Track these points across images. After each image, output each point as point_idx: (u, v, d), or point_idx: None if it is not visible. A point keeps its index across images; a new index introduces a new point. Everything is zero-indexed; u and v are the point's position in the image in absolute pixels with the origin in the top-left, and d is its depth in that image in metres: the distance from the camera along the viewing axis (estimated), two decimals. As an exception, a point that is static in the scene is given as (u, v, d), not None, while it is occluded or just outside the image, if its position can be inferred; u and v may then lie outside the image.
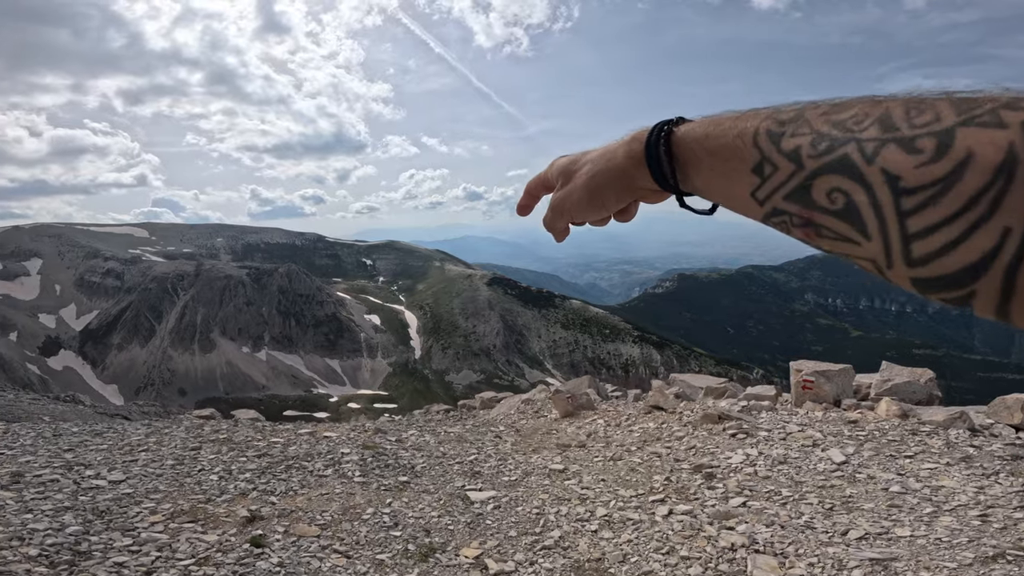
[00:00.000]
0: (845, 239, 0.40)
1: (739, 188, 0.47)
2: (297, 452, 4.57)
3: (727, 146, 0.46)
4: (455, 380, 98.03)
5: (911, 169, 0.34)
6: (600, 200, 0.61)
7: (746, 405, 6.01)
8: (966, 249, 0.32)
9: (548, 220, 0.69)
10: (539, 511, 3.67)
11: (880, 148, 0.36)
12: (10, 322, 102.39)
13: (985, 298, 0.33)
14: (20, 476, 3.56)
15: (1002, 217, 0.30)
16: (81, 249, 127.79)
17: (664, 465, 4.42)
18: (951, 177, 0.32)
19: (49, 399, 23.60)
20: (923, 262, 0.35)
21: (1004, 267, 0.31)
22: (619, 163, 0.58)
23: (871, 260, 0.39)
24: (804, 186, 0.41)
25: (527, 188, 0.73)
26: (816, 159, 0.40)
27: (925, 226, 0.34)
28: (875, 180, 0.36)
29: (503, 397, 8.79)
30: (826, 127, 0.40)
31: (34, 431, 5.36)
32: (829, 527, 3.21)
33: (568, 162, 0.65)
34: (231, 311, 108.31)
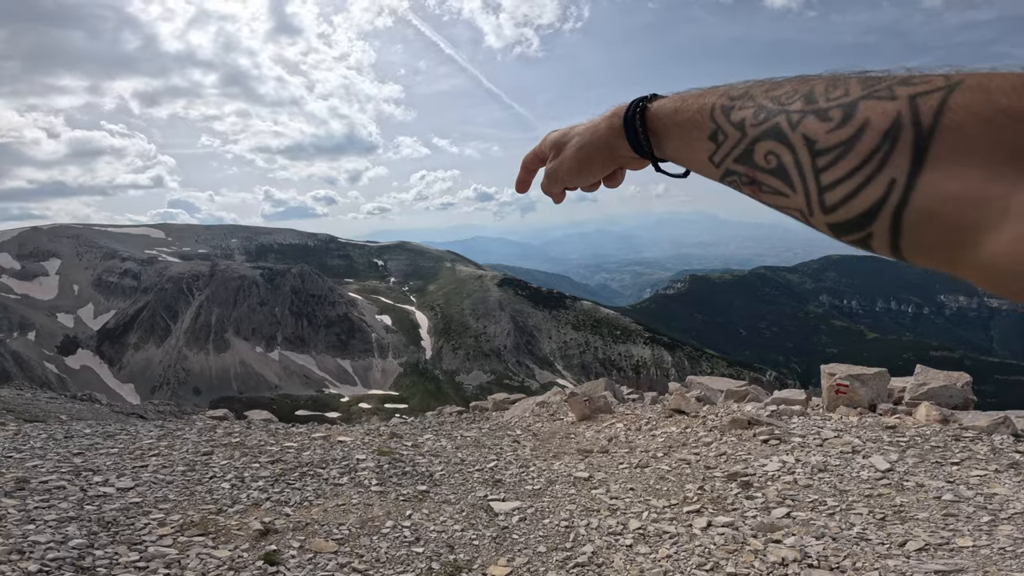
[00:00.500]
0: (778, 193, 0.48)
1: (700, 154, 0.55)
2: (311, 458, 4.39)
3: (690, 119, 0.55)
4: (465, 381, 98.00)
5: (824, 134, 0.42)
6: (588, 167, 0.71)
7: (775, 410, 5.78)
8: (863, 197, 0.40)
9: (545, 186, 0.78)
10: (568, 524, 3.45)
11: (802, 118, 0.44)
12: (29, 321, 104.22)
13: (880, 238, 0.40)
14: (25, 482, 3.41)
15: (889, 171, 0.38)
16: (99, 250, 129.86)
17: (695, 473, 4.21)
18: (852, 140, 0.40)
19: (66, 398, 23.83)
20: (833, 209, 0.43)
21: (891, 211, 0.38)
22: (602, 135, 0.67)
23: (798, 210, 0.47)
24: (748, 150, 0.49)
25: (523, 163, 0.81)
26: (756, 127, 0.48)
27: (834, 180, 0.42)
28: (798, 143, 0.44)
29: (516, 399, 8.62)
30: (765, 101, 0.48)
31: (46, 432, 5.25)
32: (884, 538, 3.04)
33: (559, 136, 0.75)
34: (245, 311, 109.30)
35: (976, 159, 0.34)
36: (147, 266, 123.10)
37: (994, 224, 0.34)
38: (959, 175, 0.35)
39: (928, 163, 0.36)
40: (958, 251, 0.36)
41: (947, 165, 0.35)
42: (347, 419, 41.86)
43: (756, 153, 0.48)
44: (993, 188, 0.34)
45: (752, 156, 0.49)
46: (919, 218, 0.37)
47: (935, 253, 0.38)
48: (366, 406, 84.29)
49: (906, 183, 0.37)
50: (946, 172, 0.35)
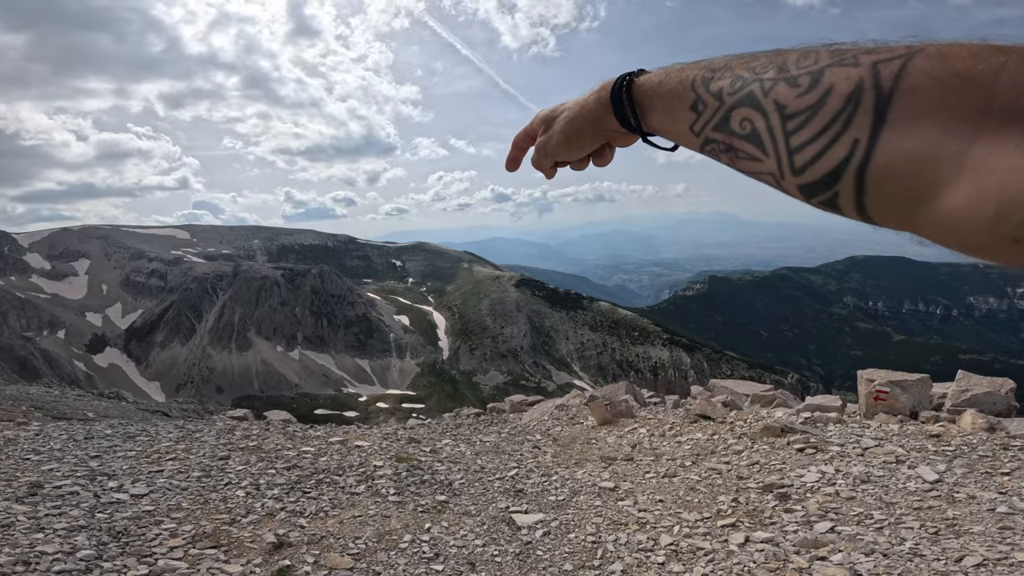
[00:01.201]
0: (753, 158, 0.49)
1: (682, 124, 0.57)
2: (328, 464, 4.29)
3: (673, 90, 0.57)
4: (482, 381, 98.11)
5: (793, 99, 0.44)
6: (576, 142, 0.72)
7: (809, 417, 5.54)
8: (829, 157, 0.42)
9: (535, 160, 0.79)
10: (595, 539, 3.28)
11: (774, 85, 0.46)
12: (59, 320, 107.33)
13: (846, 197, 0.42)
14: (39, 487, 3.35)
15: (852, 132, 0.40)
16: (127, 250, 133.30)
17: (727, 483, 4.02)
18: (818, 104, 0.42)
19: (94, 395, 24.36)
20: (802, 171, 0.45)
21: (855, 170, 0.41)
22: (590, 109, 0.68)
23: (771, 174, 0.48)
24: (725, 118, 0.51)
25: (514, 141, 0.82)
26: (732, 96, 0.50)
27: (802, 142, 0.44)
28: (770, 109, 0.46)
29: (534, 401, 8.47)
30: (742, 71, 0.50)
31: (67, 433, 5.25)
32: (939, 553, 2.85)
33: (548, 112, 0.76)
34: (266, 311, 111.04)
35: (933, 119, 0.36)
36: (173, 266, 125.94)
37: (950, 180, 0.36)
38: (917, 134, 0.37)
39: (888, 123, 0.38)
40: (918, 208, 0.38)
41: (906, 125, 0.37)
42: (364, 419, 42.35)
43: (732, 120, 0.50)
44: (949, 146, 0.35)
45: (729, 123, 0.50)
46: (880, 175, 0.39)
47: (897, 210, 0.40)
48: (383, 406, 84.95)
49: (868, 143, 0.39)
50: (905, 131, 0.38)
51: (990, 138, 0.34)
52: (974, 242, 0.36)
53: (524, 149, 0.82)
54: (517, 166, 0.84)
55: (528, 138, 0.80)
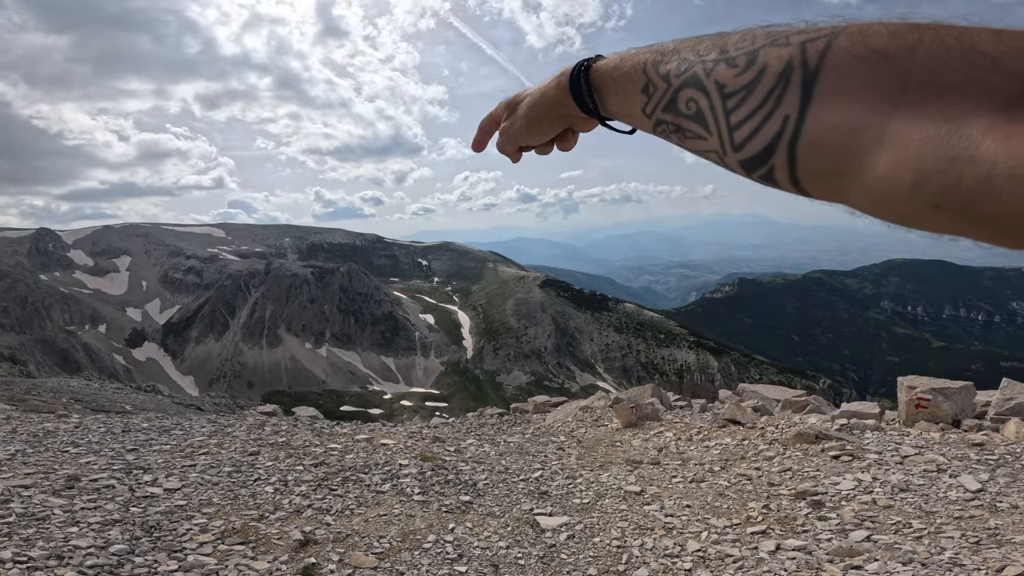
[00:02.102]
0: (698, 136, 0.51)
1: (635, 107, 0.59)
2: (354, 462, 4.33)
3: (626, 74, 0.59)
4: (505, 381, 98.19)
5: (731, 78, 0.46)
6: (538, 126, 0.74)
7: (845, 423, 5.37)
8: (764, 133, 0.44)
9: (499, 145, 0.82)
10: (620, 543, 3.23)
11: (715, 65, 0.48)
12: (100, 315, 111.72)
13: (780, 170, 0.44)
14: (76, 480, 3.47)
15: (784, 108, 0.42)
16: (166, 248, 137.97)
17: (758, 490, 3.92)
18: (753, 82, 0.44)
19: (131, 388, 25.25)
20: (741, 147, 0.47)
21: (787, 144, 0.43)
22: (551, 94, 0.70)
23: (715, 151, 0.50)
24: (673, 99, 0.53)
25: (480, 126, 0.84)
26: (679, 77, 0.52)
27: (740, 119, 0.46)
28: (711, 88, 0.48)
29: (557, 402, 8.43)
30: (688, 54, 0.52)
31: (105, 426, 5.43)
32: (980, 563, 2.74)
33: (511, 98, 0.79)
34: (296, 308, 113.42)
35: (855, 95, 0.38)
36: (209, 264, 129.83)
37: (872, 151, 0.38)
38: (840, 109, 0.39)
39: (814, 99, 0.40)
40: (844, 178, 0.41)
41: (830, 100, 0.40)
42: (389, 416, 42.61)
43: (679, 101, 0.52)
44: (869, 119, 0.38)
45: (676, 104, 0.52)
46: (809, 149, 0.42)
47: (826, 181, 0.42)
48: (408, 404, 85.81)
49: (797, 118, 0.42)
50: (829, 107, 0.40)
51: (907, 111, 0.36)
52: (897, 210, 0.38)
53: (489, 133, 0.84)
54: (482, 148, 0.86)
55: (493, 123, 0.82)
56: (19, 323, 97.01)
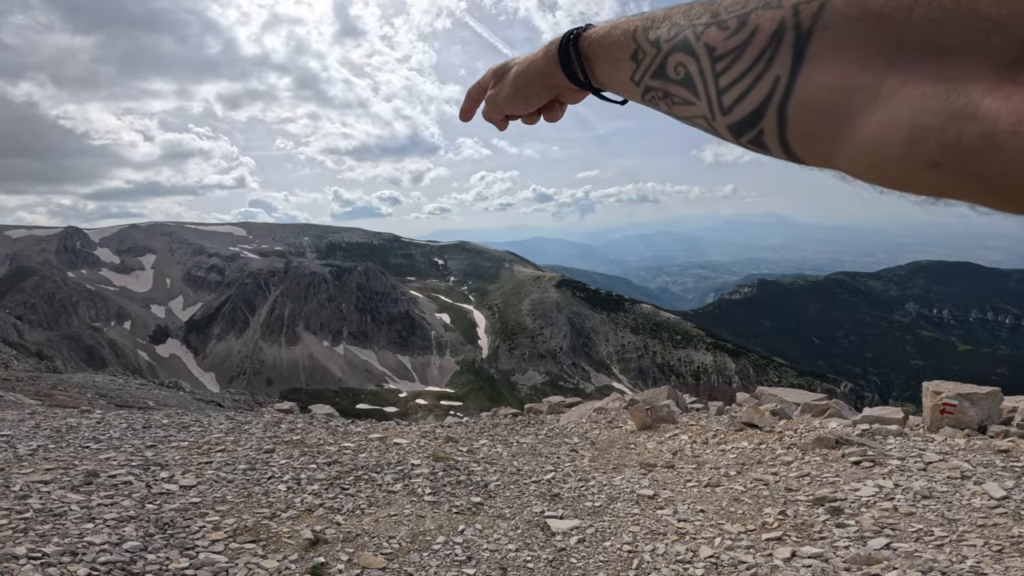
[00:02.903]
0: (686, 102, 0.51)
1: (623, 75, 0.58)
2: (367, 461, 4.36)
3: (615, 41, 0.58)
4: (520, 381, 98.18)
5: (721, 41, 0.45)
6: (524, 95, 0.74)
7: (867, 429, 5.26)
8: (754, 95, 0.43)
9: (486, 113, 0.81)
10: (631, 548, 3.19)
11: (705, 29, 0.47)
12: (126, 312, 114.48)
13: (770, 133, 0.44)
14: (95, 476, 3.54)
15: (774, 70, 0.42)
16: (189, 246, 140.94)
17: (774, 495, 3.85)
18: (743, 44, 0.44)
19: (154, 384, 25.86)
20: (730, 110, 0.46)
21: (777, 105, 0.42)
22: (539, 64, 0.70)
23: (703, 116, 0.49)
24: (662, 65, 0.52)
25: (467, 94, 0.84)
26: (668, 43, 0.51)
27: (729, 82, 0.45)
28: (700, 52, 0.47)
29: (572, 403, 8.38)
30: (679, 19, 0.51)
31: (126, 422, 5.55)
32: (1002, 572, 2.69)
33: (500, 66, 0.78)
34: (314, 307, 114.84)
35: (849, 55, 0.38)
36: (230, 262, 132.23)
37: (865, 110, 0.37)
38: (833, 69, 0.38)
39: (806, 60, 0.40)
40: (836, 140, 0.40)
41: (823, 61, 0.39)
42: (404, 415, 42.76)
43: (668, 66, 0.51)
44: (863, 78, 0.37)
45: (665, 70, 0.52)
46: (799, 110, 0.41)
47: (816, 144, 0.41)
48: (423, 402, 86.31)
49: (788, 79, 0.41)
50: (821, 67, 0.39)
51: (903, 71, 0.35)
52: (891, 171, 0.37)
53: (477, 101, 0.83)
54: (470, 117, 0.85)
55: (481, 91, 0.81)
56: (47, 319, 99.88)
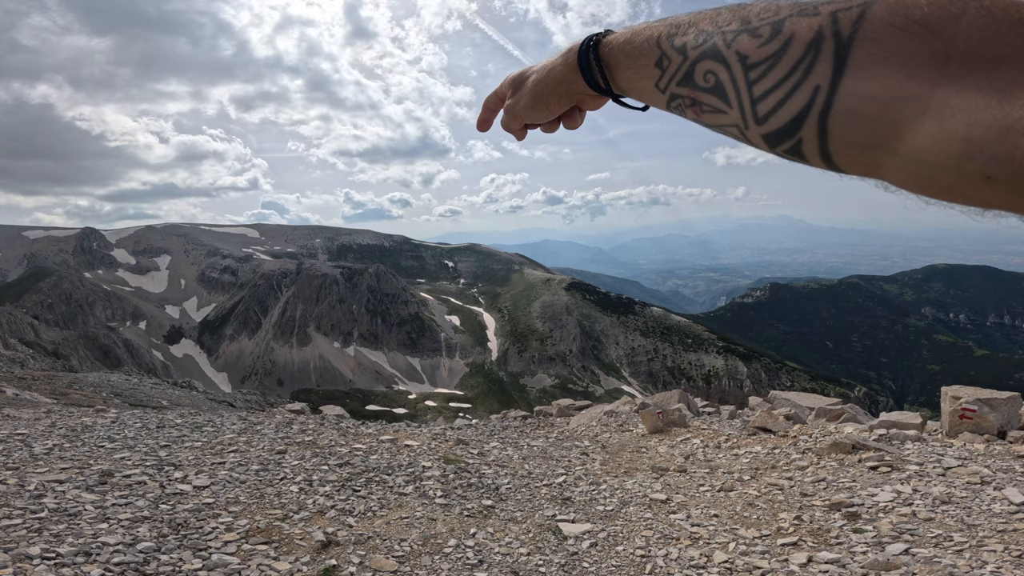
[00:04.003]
0: (717, 110, 0.50)
1: (648, 82, 0.57)
2: (378, 463, 4.36)
3: (638, 47, 0.57)
4: (529, 383, 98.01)
5: (755, 49, 0.45)
6: (544, 103, 0.73)
7: (884, 434, 5.18)
8: (791, 104, 0.43)
9: (504, 123, 0.80)
10: (644, 553, 3.15)
11: (736, 36, 0.46)
12: (141, 312, 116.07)
13: (809, 143, 0.43)
14: (109, 476, 3.57)
15: (814, 78, 0.41)
16: (203, 247, 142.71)
17: (789, 500, 3.79)
18: (779, 52, 0.43)
19: (168, 384, 26.14)
20: (765, 119, 0.45)
21: (817, 115, 0.41)
22: (558, 71, 0.69)
23: (735, 125, 0.49)
24: (689, 72, 0.51)
25: (484, 104, 0.83)
26: (696, 50, 0.50)
27: (764, 90, 0.45)
28: (731, 60, 0.47)
29: (581, 406, 8.35)
30: (706, 26, 0.50)
31: (141, 421, 5.60)
32: None
33: (517, 74, 0.77)
34: (326, 308, 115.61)
35: (893, 63, 0.37)
36: (244, 263, 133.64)
37: (915, 121, 0.36)
38: (878, 78, 0.38)
39: (849, 69, 0.39)
40: (882, 151, 0.39)
41: (867, 70, 0.38)
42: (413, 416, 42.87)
43: (696, 74, 0.50)
44: (911, 87, 0.36)
45: (693, 77, 0.51)
46: (843, 120, 0.40)
47: (861, 154, 0.41)
48: (432, 404, 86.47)
49: (829, 88, 0.40)
50: (866, 76, 0.38)
51: (953, 81, 0.35)
52: (941, 182, 0.37)
53: (495, 111, 0.82)
54: (488, 127, 0.84)
55: (499, 100, 0.80)
56: (63, 319, 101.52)
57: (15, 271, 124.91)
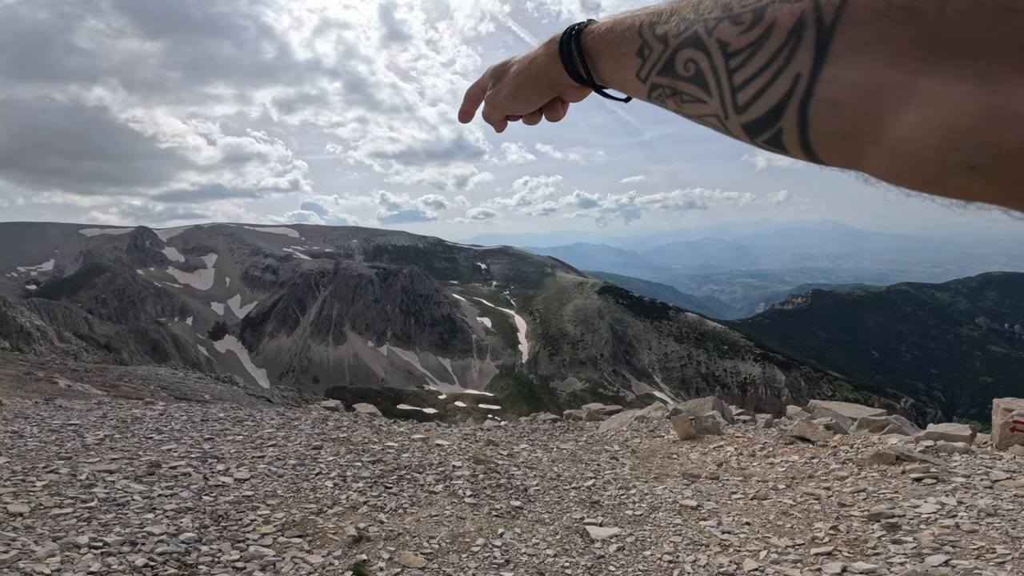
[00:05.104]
0: (697, 100, 0.49)
1: (628, 71, 0.56)
2: (410, 461, 4.44)
3: (620, 36, 0.56)
4: (559, 387, 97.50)
5: (736, 36, 0.43)
6: (525, 94, 0.71)
7: (931, 445, 4.99)
8: (772, 93, 0.41)
9: (485, 114, 0.79)
10: (672, 558, 3.12)
11: (717, 24, 0.45)
12: (188, 309, 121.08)
13: (789, 133, 0.41)
14: (157, 467, 3.75)
15: (794, 66, 0.39)
16: (247, 247, 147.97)
17: (826, 510, 3.69)
18: (761, 39, 0.41)
19: (211, 379, 27.20)
20: (745, 108, 0.44)
21: (798, 103, 0.40)
22: (540, 61, 0.68)
23: (715, 115, 0.47)
24: (670, 61, 0.50)
25: (466, 95, 0.82)
26: (677, 38, 0.49)
27: (745, 79, 0.43)
28: (712, 48, 0.45)
29: (611, 410, 8.29)
30: (688, 13, 0.49)
31: (186, 414, 5.87)
32: None
33: (499, 65, 0.76)
34: (361, 307, 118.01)
35: (876, 51, 0.36)
36: (284, 262, 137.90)
37: (897, 110, 0.35)
38: (861, 66, 0.36)
39: (830, 56, 0.38)
40: (863, 140, 0.38)
41: (848, 57, 0.37)
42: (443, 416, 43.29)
43: (677, 63, 0.49)
44: (894, 76, 0.35)
45: (673, 66, 0.50)
46: (823, 108, 0.39)
47: (841, 144, 0.39)
48: (461, 405, 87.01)
49: (810, 76, 0.39)
50: (848, 63, 0.37)
51: (937, 69, 0.34)
52: (923, 173, 0.35)
53: (476, 103, 0.81)
54: (470, 118, 0.83)
55: (480, 92, 0.79)
56: (116, 314, 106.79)
57: (72, 267, 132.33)
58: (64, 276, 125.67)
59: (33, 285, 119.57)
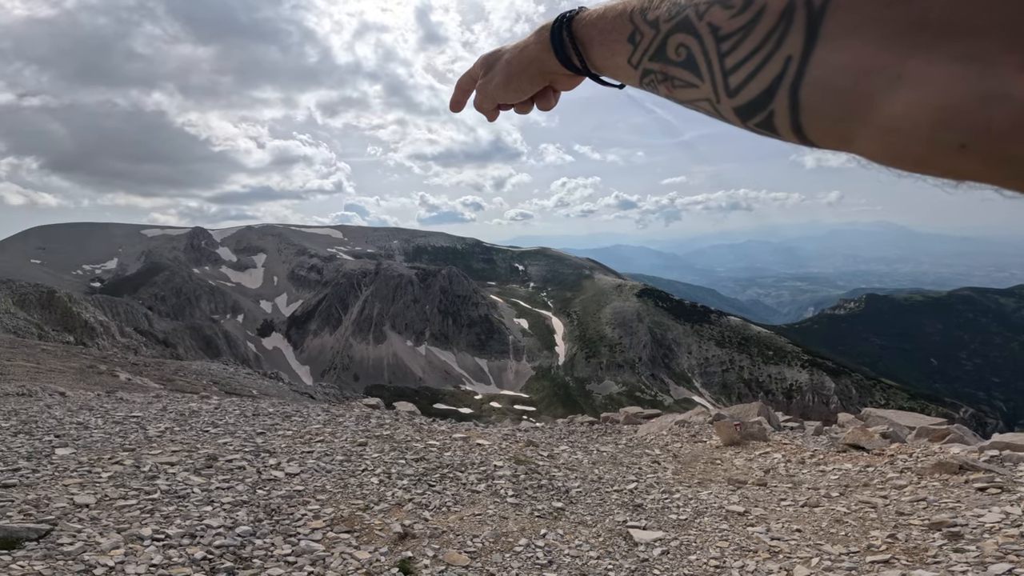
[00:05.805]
0: (689, 84, 0.49)
1: (620, 58, 0.56)
2: (452, 459, 4.50)
3: (611, 23, 0.56)
4: (595, 390, 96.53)
5: (726, 20, 0.44)
6: (516, 82, 0.71)
7: (996, 455, 4.72)
8: (763, 76, 0.42)
9: (477, 103, 0.78)
10: (719, 564, 3.05)
11: (708, 8, 0.45)
12: (239, 306, 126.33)
13: (780, 116, 0.42)
14: (214, 460, 3.90)
15: (785, 49, 0.40)
16: (294, 247, 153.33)
17: (883, 518, 3.52)
18: (751, 23, 0.42)
19: (259, 375, 28.27)
20: (736, 92, 0.44)
21: (789, 86, 0.40)
22: (531, 50, 0.68)
23: (707, 99, 0.48)
24: (661, 46, 0.50)
25: (457, 84, 0.82)
26: (668, 23, 0.49)
27: (736, 62, 0.43)
28: (703, 32, 0.46)
29: (650, 414, 8.16)
30: None
31: (239, 408, 6.12)
32: None
33: (490, 53, 0.76)
34: (400, 307, 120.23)
35: (866, 33, 0.36)
36: (328, 262, 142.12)
37: (887, 91, 0.35)
38: (851, 48, 0.37)
39: (821, 39, 0.38)
40: (854, 122, 0.38)
41: (839, 40, 0.37)
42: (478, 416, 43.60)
43: (668, 48, 0.49)
44: (884, 57, 0.35)
45: (665, 51, 0.50)
46: (814, 91, 0.39)
47: (833, 126, 0.39)
48: (496, 405, 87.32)
49: (801, 59, 0.39)
50: (838, 46, 0.37)
51: (927, 50, 0.34)
52: (914, 153, 0.36)
53: (467, 92, 0.80)
54: (461, 108, 0.82)
55: (471, 81, 0.79)
56: (173, 310, 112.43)
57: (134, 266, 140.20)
58: (126, 274, 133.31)
59: (97, 283, 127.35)
